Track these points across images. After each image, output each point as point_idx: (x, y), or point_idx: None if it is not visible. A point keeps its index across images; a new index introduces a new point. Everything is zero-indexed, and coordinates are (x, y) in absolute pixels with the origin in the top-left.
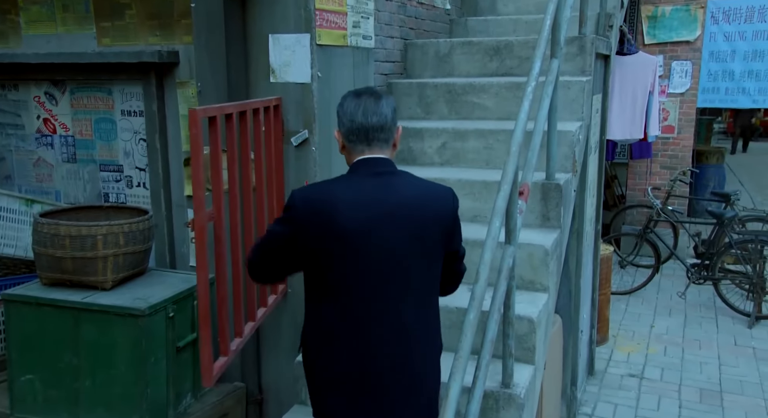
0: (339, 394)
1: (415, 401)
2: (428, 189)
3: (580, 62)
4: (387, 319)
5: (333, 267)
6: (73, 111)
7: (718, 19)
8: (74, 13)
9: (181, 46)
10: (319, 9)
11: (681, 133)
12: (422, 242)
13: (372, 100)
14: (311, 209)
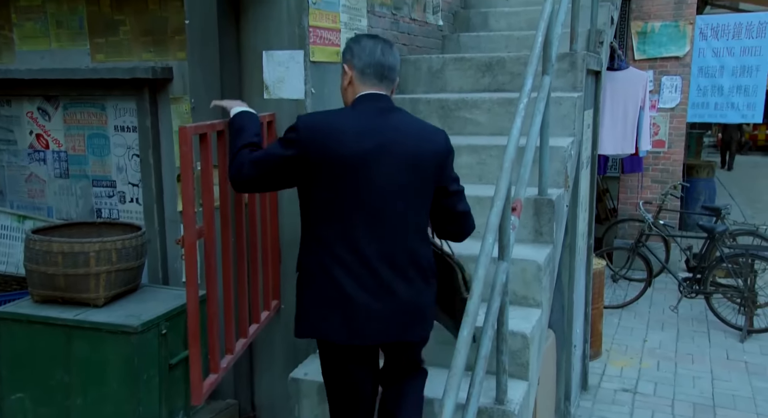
0: (333, 310)
1: (405, 318)
2: (425, 126)
3: (572, 78)
4: (381, 240)
5: (332, 189)
6: (66, 127)
7: (706, 35)
8: (68, 29)
9: (175, 62)
10: (313, 26)
11: (672, 148)
12: (417, 173)
13: (387, 44)
14: (315, 133)
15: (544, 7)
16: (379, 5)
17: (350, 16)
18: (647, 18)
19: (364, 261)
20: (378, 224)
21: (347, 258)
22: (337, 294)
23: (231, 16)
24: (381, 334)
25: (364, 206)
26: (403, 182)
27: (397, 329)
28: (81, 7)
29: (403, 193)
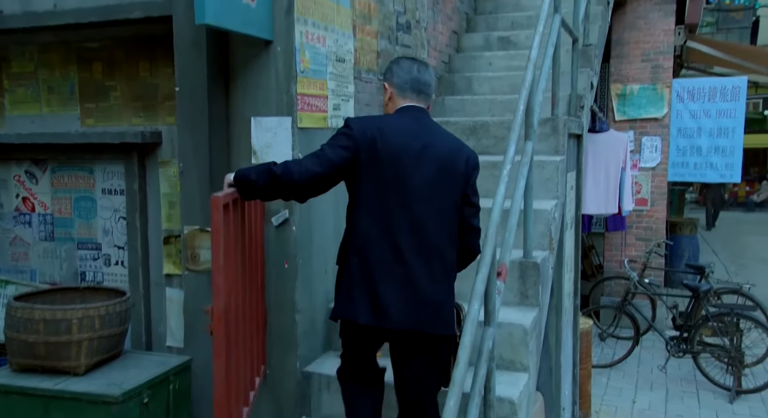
0: (362, 294)
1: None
2: (458, 139)
3: (554, 142)
4: (416, 234)
5: (377, 184)
6: (53, 190)
7: (683, 97)
8: (59, 95)
9: (165, 127)
10: (301, 94)
11: (654, 206)
12: (451, 176)
13: (423, 64)
14: (365, 131)
15: (525, 76)
16: (365, 71)
17: (337, 83)
18: (626, 81)
19: (397, 252)
20: (415, 219)
21: (383, 248)
22: (367, 280)
23: (220, 83)
24: (402, 321)
25: (405, 201)
26: (439, 183)
27: (418, 320)
28: (73, 74)
29: (438, 193)
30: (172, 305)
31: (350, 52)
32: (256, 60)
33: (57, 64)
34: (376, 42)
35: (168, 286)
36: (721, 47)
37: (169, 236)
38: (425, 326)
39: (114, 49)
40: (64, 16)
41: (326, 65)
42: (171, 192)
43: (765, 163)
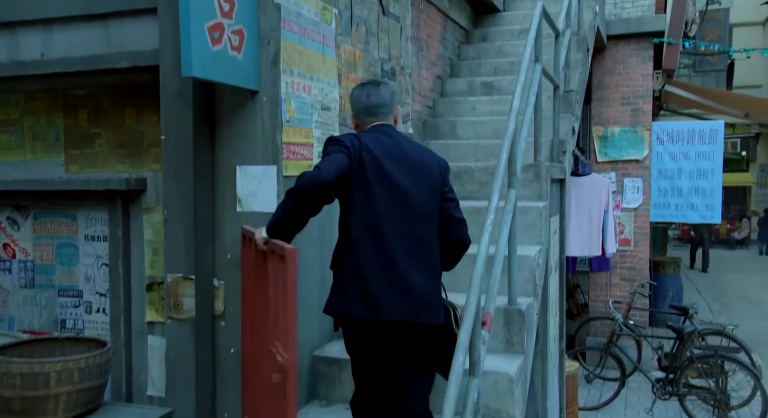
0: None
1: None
2: (426, 149)
3: (537, 188)
4: (403, 234)
5: (365, 192)
6: (35, 236)
7: (663, 140)
8: (44, 141)
9: (150, 174)
10: (286, 143)
11: (637, 247)
12: (428, 179)
13: (373, 86)
14: (351, 144)
15: (507, 125)
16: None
17: (323, 130)
18: (607, 123)
19: (387, 251)
20: (401, 220)
21: (373, 248)
22: (360, 278)
23: (206, 132)
24: (394, 312)
25: (391, 205)
26: (419, 186)
27: (409, 311)
28: (58, 121)
29: (419, 195)
30: (154, 353)
31: (335, 100)
32: (242, 109)
33: (43, 111)
34: None
35: (150, 333)
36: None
37: (152, 283)
38: (416, 316)
39: (100, 96)
40: (51, 65)
41: (311, 114)
42: (155, 239)
43: (745, 201)
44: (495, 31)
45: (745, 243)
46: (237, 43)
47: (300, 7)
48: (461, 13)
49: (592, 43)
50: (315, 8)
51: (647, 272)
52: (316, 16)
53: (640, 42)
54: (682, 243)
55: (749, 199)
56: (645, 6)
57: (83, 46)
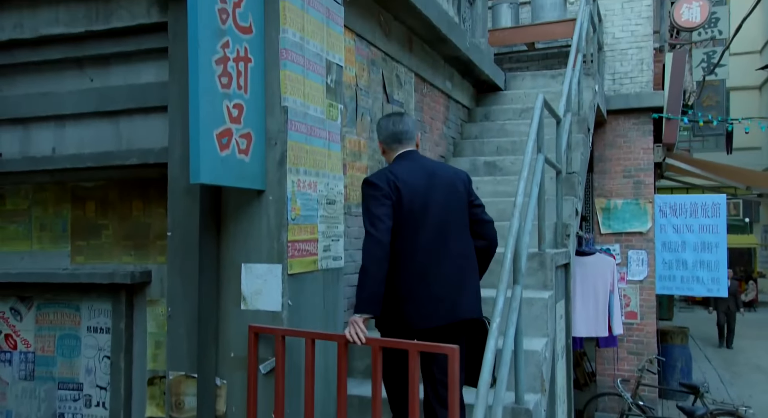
0: (415, 306)
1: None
2: (448, 166)
3: (542, 276)
4: (436, 245)
5: (406, 215)
6: (37, 327)
7: (666, 212)
8: (51, 232)
9: (155, 266)
10: (292, 241)
11: (644, 320)
12: (455, 193)
13: (399, 116)
14: (387, 183)
15: (511, 223)
16: (356, 206)
17: (328, 225)
18: (609, 195)
19: (437, 266)
20: (443, 235)
21: (425, 268)
22: (407, 290)
23: (212, 229)
24: (446, 316)
25: (428, 223)
26: (450, 201)
27: (459, 311)
28: (66, 212)
29: (451, 209)
30: None
31: (340, 193)
32: (248, 208)
33: (51, 202)
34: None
35: None
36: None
37: (154, 377)
38: (467, 313)
39: (108, 189)
40: (62, 161)
41: (317, 210)
42: (158, 331)
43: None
44: (497, 110)
45: (752, 305)
46: (245, 147)
47: (307, 107)
48: (464, 93)
49: (592, 122)
50: (321, 106)
51: (655, 345)
52: (323, 113)
53: (639, 116)
54: (688, 305)
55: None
56: (643, 82)
57: (94, 142)
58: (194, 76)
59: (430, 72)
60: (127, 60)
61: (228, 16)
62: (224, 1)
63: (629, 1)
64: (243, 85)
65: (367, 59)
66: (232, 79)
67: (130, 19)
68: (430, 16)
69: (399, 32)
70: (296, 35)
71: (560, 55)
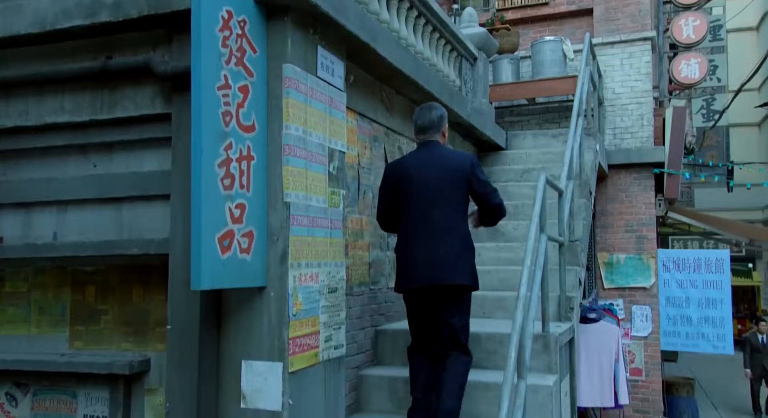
0: (403, 270)
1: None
2: (455, 152)
3: (546, 359)
4: (422, 225)
5: (404, 195)
6: (33, 413)
7: (669, 267)
8: (50, 316)
9: (154, 354)
10: (293, 337)
11: (649, 377)
12: (450, 177)
13: (426, 109)
14: (392, 170)
15: (515, 316)
16: (357, 285)
17: (329, 314)
18: (612, 250)
19: (418, 235)
20: (427, 211)
21: (410, 238)
22: (404, 259)
23: (212, 324)
24: (431, 279)
25: (418, 204)
26: (442, 183)
27: (436, 275)
28: (66, 296)
29: (440, 192)
30: None
31: (342, 279)
32: (249, 304)
33: (51, 285)
34: (368, 254)
35: None
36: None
37: None
38: (444, 278)
39: (109, 274)
40: (63, 248)
41: (318, 301)
42: None
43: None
44: (499, 170)
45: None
46: (246, 246)
47: (309, 200)
48: None
49: (594, 184)
50: (323, 196)
51: (661, 404)
52: (325, 203)
53: (641, 171)
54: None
55: (758, 298)
56: (644, 137)
57: (96, 229)
58: (197, 182)
59: None
60: (130, 147)
61: (231, 118)
62: (228, 104)
63: (629, 58)
64: (245, 184)
65: (370, 136)
66: (234, 179)
67: (134, 109)
68: (432, 91)
69: (401, 105)
70: (299, 130)
71: (561, 110)
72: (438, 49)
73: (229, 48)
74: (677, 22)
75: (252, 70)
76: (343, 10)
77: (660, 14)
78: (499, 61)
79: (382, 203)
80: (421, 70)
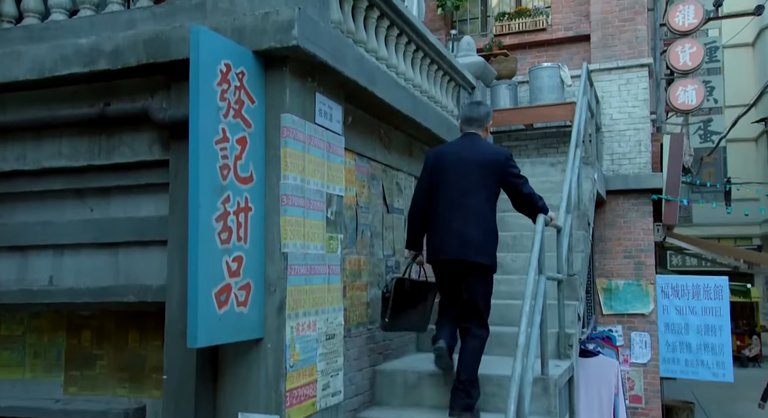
0: (433, 243)
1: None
2: (491, 146)
3: (545, 403)
4: (454, 208)
5: (441, 179)
6: None
7: (668, 293)
8: (45, 360)
9: (149, 400)
10: (290, 389)
11: (648, 404)
12: (482, 169)
13: (476, 104)
14: (433, 157)
15: (514, 367)
16: (355, 326)
17: (327, 361)
18: (610, 275)
19: (449, 216)
20: (460, 197)
21: (443, 216)
22: (435, 234)
23: (209, 375)
24: (456, 254)
25: (454, 189)
26: (473, 173)
27: (464, 253)
28: (61, 340)
29: (474, 180)
30: None
31: (340, 324)
32: (246, 356)
33: (46, 329)
34: (366, 294)
35: None
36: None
37: None
38: (468, 256)
39: (105, 319)
40: (59, 295)
41: (316, 349)
42: None
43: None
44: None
45: (757, 360)
46: (243, 298)
47: (307, 248)
48: None
49: (592, 214)
50: (321, 242)
51: None
52: (323, 249)
53: (639, 197)
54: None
55: (757, 313)
56: (641, 163)
57: (92, 273)
58: (194, 237)
59: None
60: (127, 192)
61: (229, 171)
62: (225, 157)
63: (626, 84)
64: (243, 236)
65: (368, 175)
66: (232, 232)
67: (131, 155)
68: (431, 126)
69: (399, 141)
70: (297, 179)
71: (559, 135)
72: (436, 80)
73: (227, 101)
74: (674, 49)
75: (250, 121)
76: (342, 57)
77: (657, 39)
78: (497, 86)
79: (420, 183)
80: (419, 108)
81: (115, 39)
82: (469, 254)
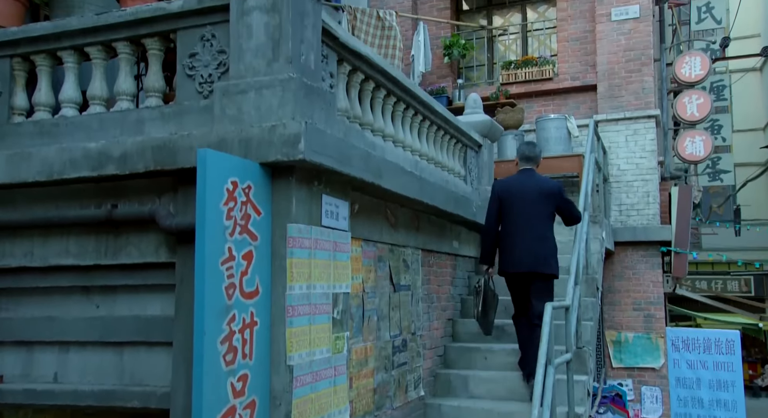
0: (508, 259)
1: (537, 261)
2: (547, 179)
3: None
4: (524, 230)
5: (505, 209)
6: None
7: (678, 347)
8: None
9: None
10: None
11: None
12: (543, 197)
13: (532, 144)
14: (501, 188)
15: None
16: (361, 416)
17: None
18: (620, 328)
19: (521, 237)
20: (528, 221)
21: (514, 236)
22: (509, 252)
23: None
24: (528, 266)
25: (522, 214)
26: (538, 203)
27: (535, 266)
28: None
29: (537, 207)
30: None
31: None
32: None
33: None
34: (372, 381)
35: None
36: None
37: None
38: (539, 268)
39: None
40: (63, 397)
41: None
42: None
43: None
44: None
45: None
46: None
47: (312, 355)
48: (470, 245)
49: (600, 278)
50: (327, 345)
51: None
52: (329, 352)
53: (648, 249)
54: None
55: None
56: (650, 215)
57: (97, 372)
58: (198, 362)
59: (436, 242)
60: (134, 291)
61: (235, 290)
62: (231, 276)
63: (633, 135)
64: (248, 353)
65: (374, 258)
66: (237, 352)
67: (138, 256)
68: (437, 204)
69: (405, 217)
70: (303, 287)
71: (566, 185)
72: (443, 144)
73: (233, 219)
74: (681, 100)
75: (256, 234)
76: (348, 160)
77: (664, 89)
78: (504, 137)
79: (491, 210)
80: (425, 189)
81: (124, 144)
82: (539, 267)
